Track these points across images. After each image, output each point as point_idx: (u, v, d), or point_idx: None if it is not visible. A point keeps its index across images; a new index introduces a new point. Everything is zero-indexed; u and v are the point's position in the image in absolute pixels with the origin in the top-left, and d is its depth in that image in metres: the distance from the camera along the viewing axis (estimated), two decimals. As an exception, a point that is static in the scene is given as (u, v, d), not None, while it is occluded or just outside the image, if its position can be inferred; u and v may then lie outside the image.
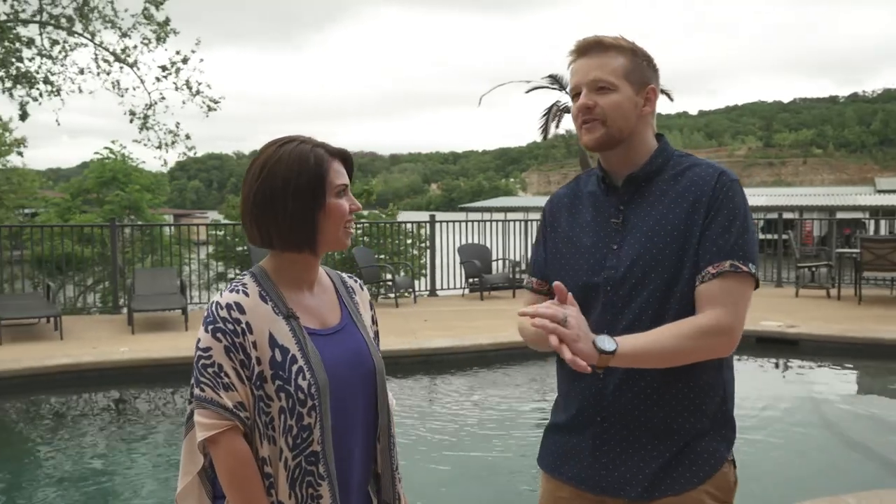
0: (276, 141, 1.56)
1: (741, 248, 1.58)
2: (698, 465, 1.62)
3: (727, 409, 1.68)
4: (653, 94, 1.69)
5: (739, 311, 1.56)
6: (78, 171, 17.85)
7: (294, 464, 1.47)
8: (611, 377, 1.63)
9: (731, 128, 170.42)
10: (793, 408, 6.16)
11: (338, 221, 1.54)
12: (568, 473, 1.73)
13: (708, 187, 1.62)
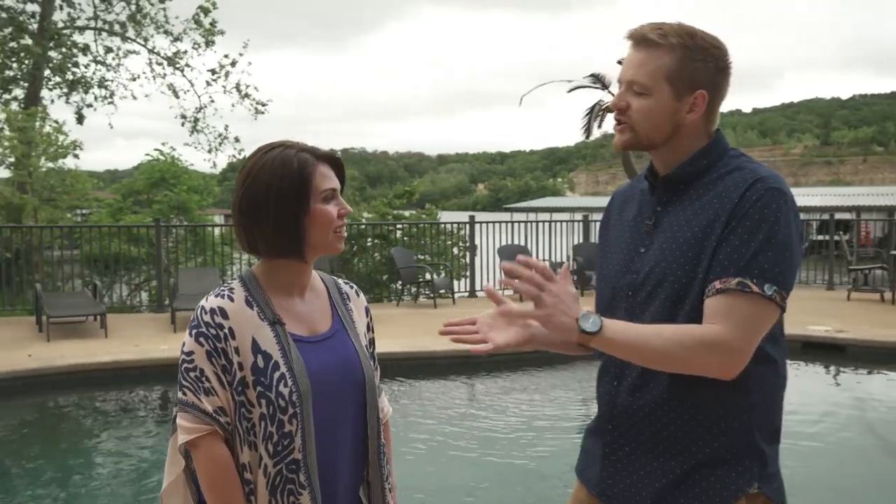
0: (262, 147, 1.55)
1: (758, 265, 1.40)
2: (708, 496, 1.49)
3: (752, 440, 1.51)
4: (701, 101, 1.52)
5: (745, 332, 1.40)
6: (133, 172, 18.33)
7: (274, 471, 1.45)
8: (623, 383, 1.56)
9: (786, 125, 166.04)
10: (838, 415, 5.95)
11: (325, 226, 1.51)
12: (586, 476, 1.69)
13: (736, 194, 1.46)
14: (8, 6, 19.81)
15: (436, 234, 14.21)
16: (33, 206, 13.93)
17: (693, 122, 1.53)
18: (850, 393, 6.85)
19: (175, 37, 21.01)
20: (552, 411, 6.16)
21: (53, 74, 20.48)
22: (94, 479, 4.82)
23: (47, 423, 6.10)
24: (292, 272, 1.57)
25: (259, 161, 1.51)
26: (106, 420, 6.08)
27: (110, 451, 5.32)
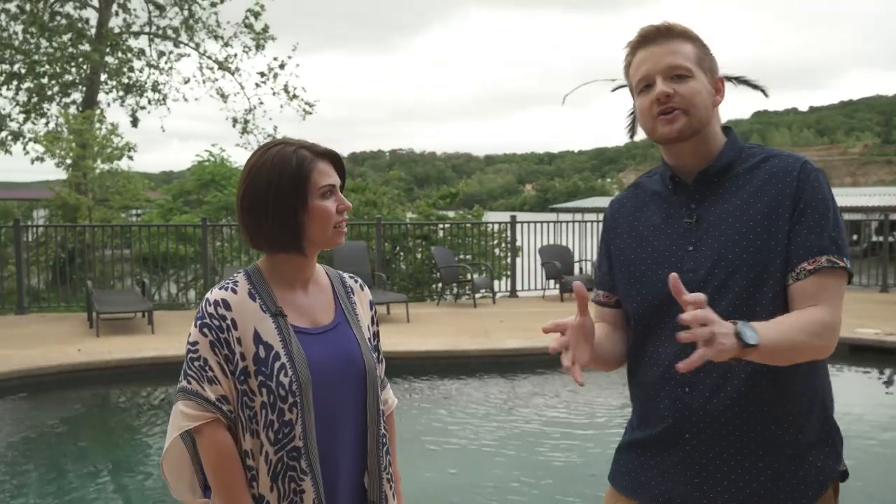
0: (263, 145, 1.60)
1: (835, 242, 1.48)
2: (807, 484, 1.49)
3: (829, 417, 1.55)
4: (721, 85, 1.60)
5: (839, 306, 1.48)
6: (186, 173, 18.87)
7: (276, 458, 1.50)
8: (699, 388, 1.51)
9: (844, 124, 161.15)
10: (888, 421, 5.77)
11: (324, 222, 1.55)
12: (650, 494, 1.60)
13: (791, 178, 1.51)
14: (67, 13, 20.54)
15: (477, 234, 14.23)
16: (88, 206, 14.41)
17: (717, 107, 1.59)
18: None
19: (226, 41, 21.52)
20: (587, 411, 6.11)
21: (110, 78, 21.15)
22: (138, 470, 4.97)
23: (94, 416, 6.31)
24: (294, 266, 1.61)
25: (259, 159, 1.56)
26: (149, 413, 6.26)
27: (152, 443, 5.47)
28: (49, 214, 16.83)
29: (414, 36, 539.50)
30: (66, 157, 15.79)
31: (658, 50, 1.56)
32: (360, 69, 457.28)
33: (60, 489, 4.55)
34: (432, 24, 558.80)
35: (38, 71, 20.01)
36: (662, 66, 1.54)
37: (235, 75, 22.28)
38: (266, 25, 21.24)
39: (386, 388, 1.75)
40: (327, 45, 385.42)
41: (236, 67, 22.03)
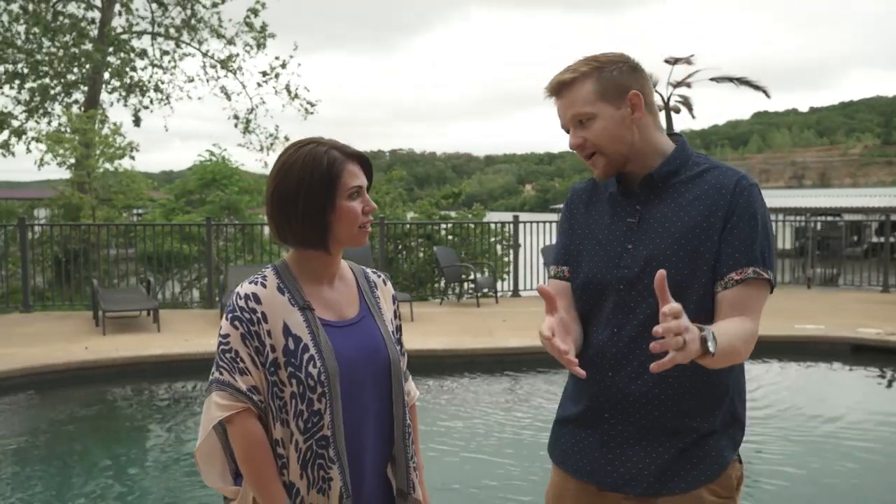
0: (295, 143, 1.65)
1: (761, 253, 1.59)
2: (706, 464, 1.63)
3: (735, 409, 1.69)
4: (637, 99, 1.64)
5: (759, 315, 1.60)
6: (188, 173, 18.94)
7: (305, 446, 1.55)
8: (623, 372, 1.64)
9: (845, 125, 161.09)
10: (889, 418, 5.82)
11: (350, 222, 1.60)
12: (574, 466, 1.75)
13: (727, 191, 1.61)
14: (70, 13, 20.58)
15: (479, 234, 14.28)
16: (91, 205, 14.45)
17: (643, 120, 1.66)
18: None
19: (228, 40, 21.56)
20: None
21: (112, 78, 21.18)
22: (147, 466, 5.01)
23: (101, 413, 6.35)
24: (321, 262, 1.66)
25: (291, 156, 1.60)
26: (155, 410, 6.31)
27: (158, 441, 5.52)
28: (51, 214, 16.89)
29: (414, 36, 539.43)
30: (69, 156, 15.83)
31: (561, 103, 1.68)
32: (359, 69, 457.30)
33: (70, 485, 4.60)
34: (432, 24, 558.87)
35: (40, 70, 20.05)
36: (567, 119, 1.68)
37: (237, 74, 22.33)
38: (264, 23, 21.27)
39: (408, 380, 1.80)
40: (327, 45, 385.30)
41: (238, 66, 22.07)
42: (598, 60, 1.66)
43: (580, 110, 1.65)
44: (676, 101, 12.43)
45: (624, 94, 1.64)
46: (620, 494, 1.67)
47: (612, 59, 1.67)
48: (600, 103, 1.63)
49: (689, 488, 1.62)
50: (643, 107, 1.65)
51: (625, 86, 1.64)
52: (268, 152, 22.32)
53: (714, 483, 1.64)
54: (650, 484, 1.63)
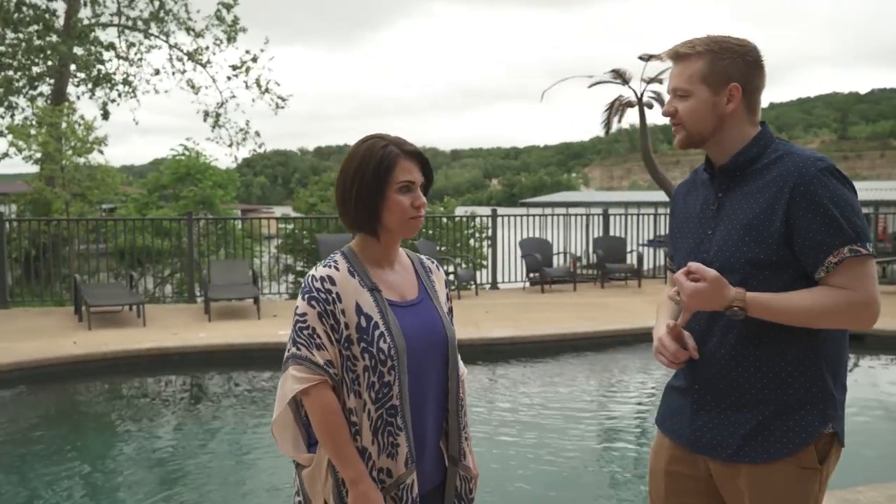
0: (363, 138, 1.80)
1: (853, 229, 1.65)
2: (788, 437, 1.72)
3: (825, 385, 1.74)
4: (736, 91, 1.75)
5: (874, 285, 1.67)
6: (150, 167, 18.69)
7: (376, 415, 1.70)
8: (706, 347, 1.78)
9: (803, 120, 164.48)
10: (857, 400, 6.12)
11: (400, 214, 1.75)
12: (670, 428, 1.93)
13: (790, 180, 1.68)
14: (34, 3, 20.19)
15: (453, 228, 14.46)
16: (64, 200, 14.27)
17: (734, 112, 1.77)
18: (867, 379, 7.04)
19: (197, 33, 21.34)
20: (575, 396, 6.38)
21: (78, 70, 20.85)
22: (144, 458, 5.08)
23: (95, 406, 6.39)
24: (380, 248, 1.81)
25: (355, 150, 1.77)
26: (150, 403, 6.36)
27: (153, 433, 5.58)
28: (19, 209, 16.61)
29: (378, 31, 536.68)
30: (36, 150, 15.59)
31: (672, 71, 1.83)
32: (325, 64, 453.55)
33: (71, 478, 4.66)
34: (396, 20, 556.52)
35: (3, 62, 19.65)
36: (671, 88, 1.84)
37: (207, 68, 22.10)
38: (236, 17, 21.11)
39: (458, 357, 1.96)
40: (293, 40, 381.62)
41: (207, 60, 21.85)
42: (718, 44, 1.77)
43: (681, 85, 1.79)
44: (650, 96, 12.71)
45: (726, 84, 1.75)
46: (709, 459, 1.82)
47: (730, 48, 1.77)
48: (700, 85, 1.76)
49: (770, 458, 1.72)
50: (739, 99, 1.76)
51: (730, 76, 1.75)
52: (238, 147, 22.16)
53: (797, 455, 1.71)
54: (734, 451, 1.76)
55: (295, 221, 16.08)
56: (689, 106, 1.78)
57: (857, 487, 3.68)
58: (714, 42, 1.78)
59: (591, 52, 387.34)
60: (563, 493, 4.38)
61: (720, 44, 1.77)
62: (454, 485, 1.87)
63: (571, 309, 9.56)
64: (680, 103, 1.80)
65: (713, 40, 1.78)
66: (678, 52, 1.81)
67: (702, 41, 1.79)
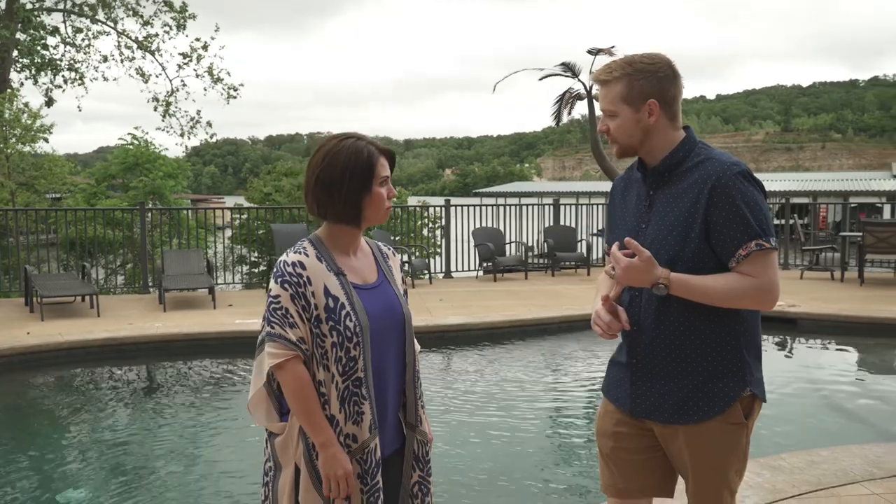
0: (337, 136, 1.98)
1: (759, 227, 1.90)
2: (714, 401, 1.99)
3: (742, 356, 2.01)
4: (654, 107, 1.98)
5: (775, 276, 1.92)
6: (94, 156, 18.42)
7: (343, 386, 1.89)
8: (643, 326, 2.04)
9: (748, 112, 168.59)
10: (790, 378, 6.53)
11: (379, 204, 1.97)
12: (614, 396, 2.18)
13: (709, 182, 1.92)
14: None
15: (406, 218, 14.63)
16: (10, 190, 14.00)
17: (656, 123, 2.01)
18: (798, 359, 7.48)
19: (145, 20, 20.97)
20: (524, 378, 6.64)
21: (21, 56, 20.31)
22: (103, 448, 5.14)
23: (48, 398, 6.39)
24: (348, 236, 2.00)
25: (336, 147, 1.94)
26: (109, 392, 6.40)
27: (113, 422, 5.65)
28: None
29: (328, 19, 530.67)
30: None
31: (600, 93, 2.08)
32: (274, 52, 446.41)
33: (28, 468, 4.72)
34: (346, 8, 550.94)
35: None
36: (601, 108, 2.08)
37: (156, 55, 21.74)
38: (185, 3, 20.80)
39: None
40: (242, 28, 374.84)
41: (157, 47, 21.50)
42: (632, 66, 1.99)
43: (606, 107, 2.05)
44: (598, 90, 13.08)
45: (644, 101, 1.99)
46: (649, 421, 2.08)
47: (643, 68, 1.99)
48: (622, 105, 2.00)
49: (702, 420, 1.99)
50: (658, 112, 2.00)
51: (646, 94, 1.99)
52: (189, 136, 21.88)
53: (724, 415, 1.99)
54: (670, 414, 2.02)
55: (249, 211, 16.03)
56: (617, 124, 2.03)
57: (780, 455, 4.00)
58: (628, 65, 2.00)
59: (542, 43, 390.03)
60: (514, 460, 4.62)
61: (634, 66, 1.99)
62: (412, 448, 2.07)
63: (523, 296, 9.84)
64: (610, 122, 2.05)
65: (627, 63, 2.00)
66: (599, 78, 2.05)
67: (618, 65, 2.02)
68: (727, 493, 2.07)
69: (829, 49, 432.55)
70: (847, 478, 3.69)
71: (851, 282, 10.92)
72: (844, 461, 3.90)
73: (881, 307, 8.63)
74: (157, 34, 20.93)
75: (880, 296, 9.64)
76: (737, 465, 2.06)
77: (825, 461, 3.90)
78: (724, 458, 2.03)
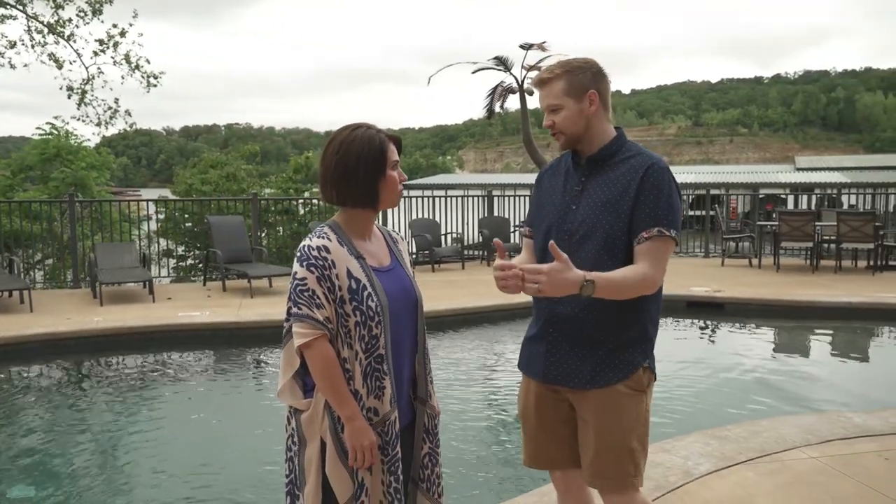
0: (349, 126, 2.09)
1: (665, 218, 2.15)
2: (620, 368, 2.22)
3: (646, 330, 2.26)
4: (594, 97, 2.21)
5: (661, 264, 2.16)
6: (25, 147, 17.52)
7: (366, 363, 2.00)
8: (561, 301, 2.20)
9: (661, 107, 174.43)
10: (716, 357, 6.95)
11: (393, 187, 2.09)
12: (531, 369, 2.38)
13: (640, 172, 2.17)
14: None
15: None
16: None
17: (596, 113, 2.24)
18: (727, 341, 7.95)
19: (57, 4, 20.06)
20: (472, 362, 6.84)
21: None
22: (37, 445, 5.04)
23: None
24: (364, 221, 2.12)
25: (349, 137, 2.04)
26: (45, 392, 6.23)
27: (58, 419, 5.53)
28: None
29: (241, 7, 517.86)
30: None
31: (541, 94, 2.28)
32: (189, 41, 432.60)
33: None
34: None
35: None
36: (544, 106, 2.28)
37: (70, 41, 20.83)
38: (99, -13, 19.95)
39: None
40: (159, 14, 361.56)
41: (70, 33, 20.60)
42: (570, 65, 2.24)
43: (552, 101, 2.24)
44: (529, 84, 13.37)
45: (585, 92, 2.22)
46: (563, 387, 2.28)
47: (579, 66, 2.24)
48: (566, 98, 2.22)
49: (609, 383, 2.21)
50: (598, 103, 2.24)
51: (586, 86, 2.22)
52: (107, 126, 21.08)
53: (629, 381, 2.22)
54: (580, 380, 2.24)
55: (175, 204, 15.64)
56: (563, 116, 2.23)
57: (725, 427, 4.31)
58: (567, 65, 2.25)
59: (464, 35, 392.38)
60: (460, 441, 4.80)
61: (571, 65, 2.24)
62: (423, 421, 2.20)
63: (462, 286, 10.04)
64: (555, 116, 2.24)
65: (566, 63, 2.25)
66: (542, 78, 2.25)
67: (558, 66, 2.25)
68: (629, 460, 2.23)
69: (736, 46, 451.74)
70: (786, 444, 4.02)
71: (768, 268, 11.61)
72: (783, 430, 4.24)
73: (798, 291, 9.24)
74: (71, 19, 20.08)
75: (795, 281, 10.30)
76: (639, 432, 2.24)
77: (766, 430, 4.24)
78: (627, 422, 2.22)
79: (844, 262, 11.56)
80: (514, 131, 29.94)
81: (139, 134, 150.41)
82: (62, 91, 20.83)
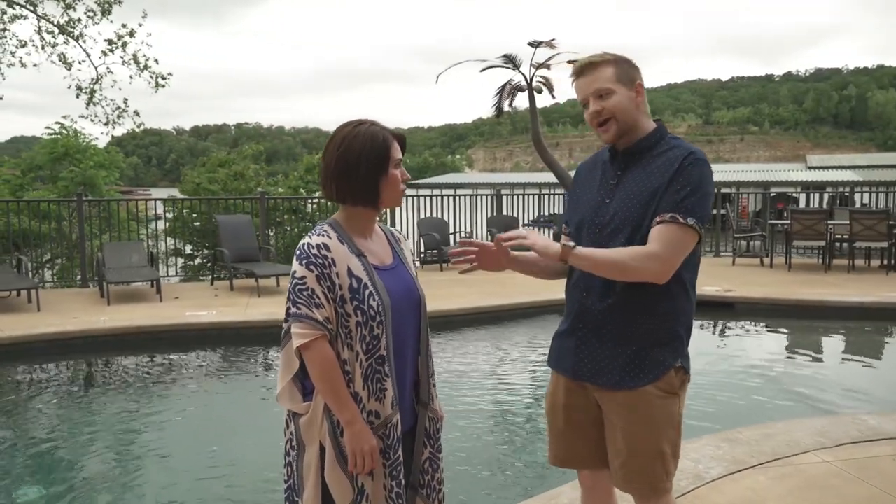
0: (352, 122, 2.03)
1: (685, 205, 2.05)
2: (650, 370, 2.15)
3: (677, 331, 2.18)
4: (641, 88, 2.17)
5: (672, 248, 2.04)
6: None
7: (367, 364, 1.95)
8: (591, 293, 2.18)
9: (671, 105, 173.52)
10: (727, 357, 6.87)
11: (395, 185, 2.03)
12: (563, 366, 2.32)
13: (676, 162, 2.10)
14: None
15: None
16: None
17: (641, 104, 2.19)
18: (738, 340, 7.86)
19: (67, 4, 20.10)
20: (473, 363, 6.78)
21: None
22: (45, 445, 5.02)
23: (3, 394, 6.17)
24: (365, 219, 2.06)
25: (352, 132, 1.99)
26: (51, 391, 6.21)
27: (63, 417, 5.51)
28: None
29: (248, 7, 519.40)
30: None
31: (586, 80, 2.18)
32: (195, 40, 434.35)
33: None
34: None
35: None
36: (591, 91, 2.16)
37: (79, 41, 20.88)
38: (110, -13, 19.97)
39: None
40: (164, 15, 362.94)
41: (80, 33, 20.64)
42: (614, 55, 2.18)
43: (603, 86, 2.14)
44: (538, 81, 13.30)
45: (633, 82, 2.17)
46: (592, 385, 2.22)
47: (622, 58, 2.19)
48: (618, 84, 2.15)
49: (639, 385, 2.14)
50: (643, 94, 2.19)
51: (633, 76, 2.18)
52: (114, 125, 21.11)
53: (660, 382, 2.14)
54: (609, 379, 2.17)
55: (184, 203, 15.65)
56: (616, 101, 2.14)
57: (737, 429, 4.24)
58: (611, 54, 2.19)
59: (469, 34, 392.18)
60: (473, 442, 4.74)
61: (615, 55, 2.19)
62: (424, 425, 2.14)
63: (472, 285, 9.97)
64: (605, 102, 2.14)
65: (609, 53, 2.19)
66: (591, 61, 2.17)
67: (602, 54, 2.18)
68: (660, 465, 2.16)
69: (746, 44, 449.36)
70: (799, 448, 3.95)
71: (779, 267, 11.48)
72: (795, 433, 4.16)
73: (809, 291, 9.13)
74: (80, 19, 20.12)
75: (806, 280, 10.18)
76: (670, 435, 2.17)
77: (778, 433, 4.16)
78: (658, 426, 2.15)
79: (857, 262, 11.43)
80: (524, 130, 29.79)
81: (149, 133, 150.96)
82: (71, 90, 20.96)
